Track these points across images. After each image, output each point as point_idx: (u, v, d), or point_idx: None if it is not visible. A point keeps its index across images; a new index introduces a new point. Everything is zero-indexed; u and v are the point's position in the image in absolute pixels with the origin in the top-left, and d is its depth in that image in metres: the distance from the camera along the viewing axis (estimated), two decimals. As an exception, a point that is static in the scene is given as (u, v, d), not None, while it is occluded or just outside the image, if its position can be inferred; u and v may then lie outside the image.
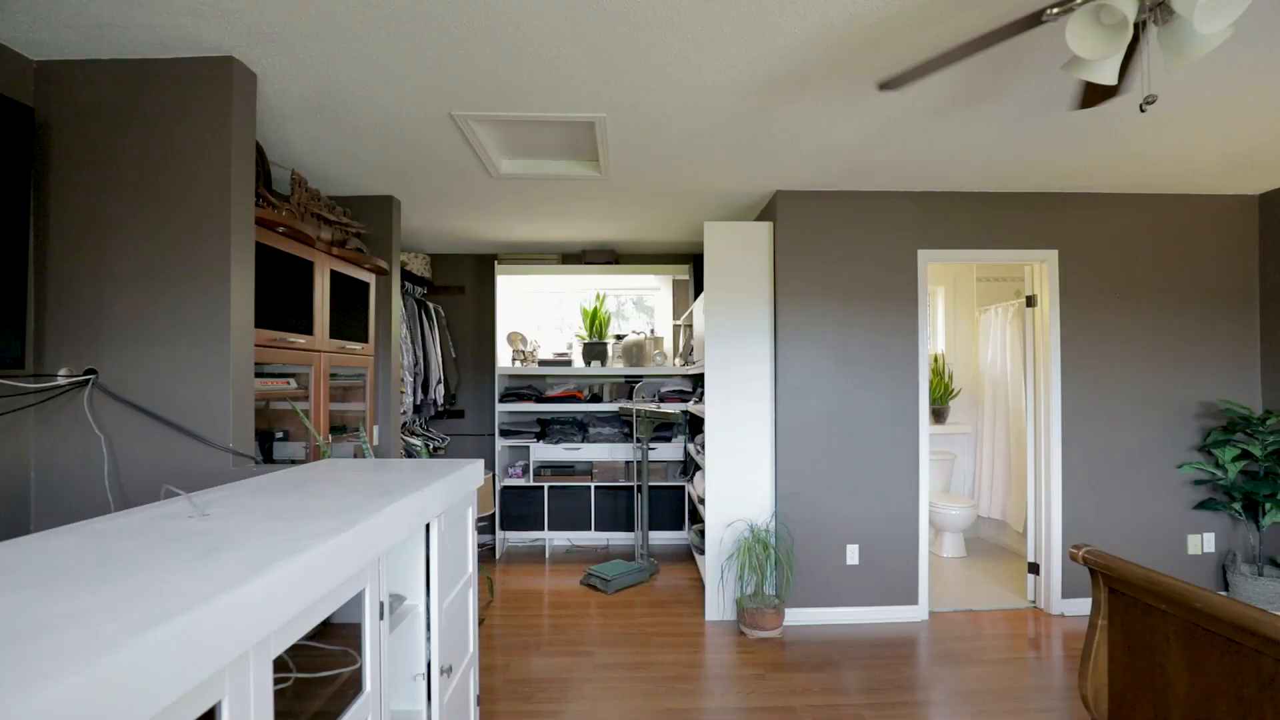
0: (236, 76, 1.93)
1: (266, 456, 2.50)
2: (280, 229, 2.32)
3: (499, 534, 4.50)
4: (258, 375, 2.34)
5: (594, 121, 2.42)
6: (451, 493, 1.67)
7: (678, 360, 4.81)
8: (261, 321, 2.25)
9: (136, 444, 1.88)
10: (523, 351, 4.62)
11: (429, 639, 1.56)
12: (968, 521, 4.32)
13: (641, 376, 4.79)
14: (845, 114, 2.40)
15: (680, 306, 4.92)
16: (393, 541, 1.27)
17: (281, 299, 2.42)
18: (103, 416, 1.87)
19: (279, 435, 2.58)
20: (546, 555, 4.53)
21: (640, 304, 5.13)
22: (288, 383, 2.51)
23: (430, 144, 2.68)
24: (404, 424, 4.28)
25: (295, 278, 2.52)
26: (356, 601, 1.17)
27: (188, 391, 1.89)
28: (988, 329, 4.78)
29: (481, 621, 3.30)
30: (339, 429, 3.05)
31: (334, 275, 2.80)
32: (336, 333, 2.83)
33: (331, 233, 2.77)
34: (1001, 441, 4.55)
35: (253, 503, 1.27)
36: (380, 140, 2.63)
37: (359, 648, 1.20)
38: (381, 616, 1.24)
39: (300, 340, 2.50)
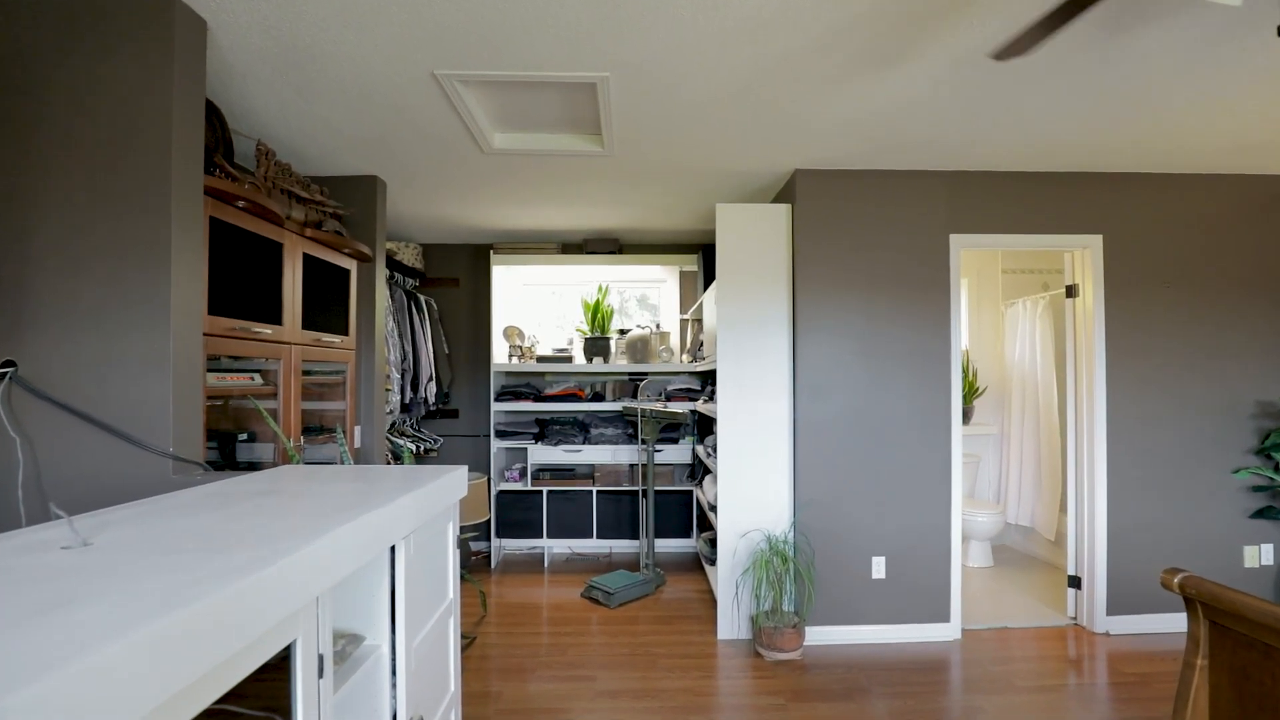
0: (180, 20, 1.66)
1: (228, 460, 2.23)
2: (240, 203, 2.05)
3: (495, 542, 4.23)
4: (214, 369, 2.07)
5: (595, 83, 2.14)
6: (425, 507, 1.40)
7: (685, 357, 4.53)
8: (218, 308, 1.99)
9: (60, 447, 1.60)
10: (520, 347, 4.34)
11: (394, 686, 1.29)
12: (996, 529, 4.03)
13: (646, 374, 4.51)
14: (878, 78, 2.12)
15: (688, 299, 4.64)
16: (341, 574, 1.00)
17: (245, 284, 2.15)
18: (21, 415, 1.60)
19: (243, 437, 2.31)
20: (545, 564, 4.25)
21: (644, 302, 4.85)
22: (251, 378, 2.24)
23: (414, 113, 2.41)
24: (393, 424, 4.01)
25: (261, 260, 2.25)
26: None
27: (121, 387, 1.61)
28: (1014, 323, 4.49)
29: (473, 640, 3.02)
30: (315, 430, 2.78)
31: (308, 260, 2.53)
32: (311, 323, 2.55)
33: (305, 212, 2.50)
34: (1030, 443, 4.26)
35: (162, 526, 1.00)
36: (358, 107, 2.36)
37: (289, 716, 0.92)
38: (321, 674, 0.96)
39: (266, 330, 2.23)
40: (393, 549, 1.29)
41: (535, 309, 4.78)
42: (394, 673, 1.29)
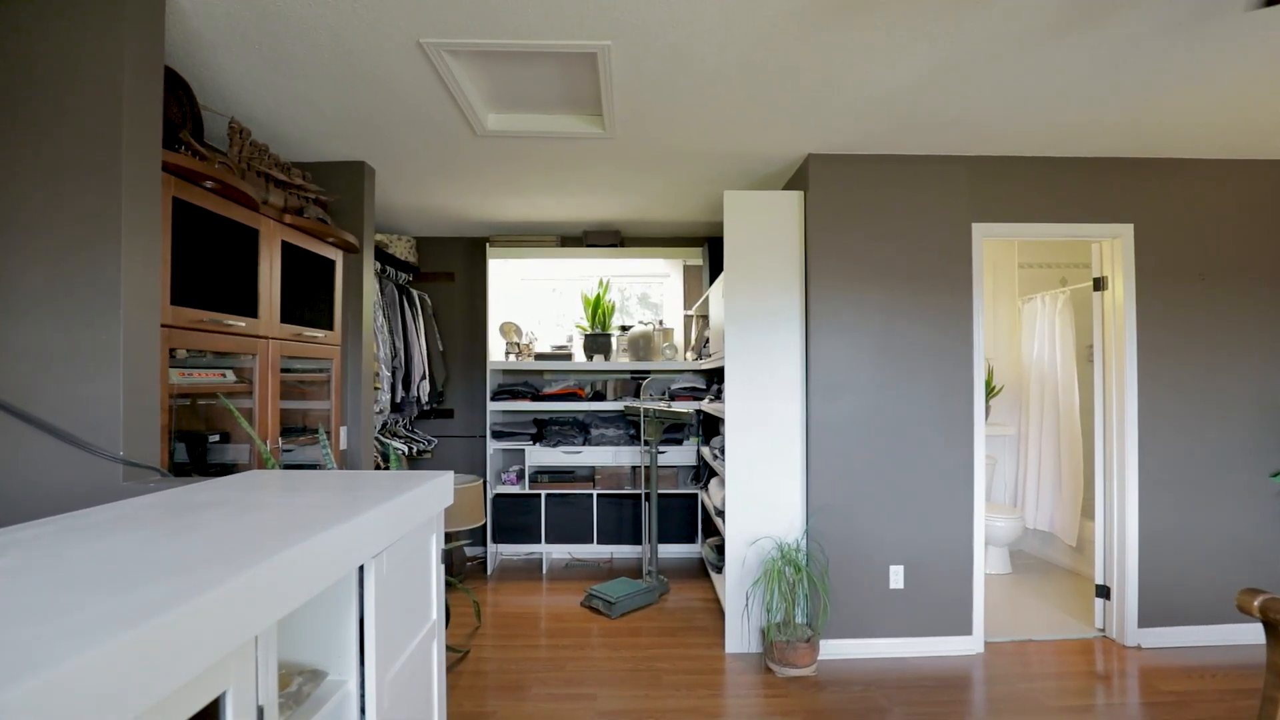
0: (132, -26, 1.49)
1: (198, 464, 2.06)
2: (208, 183, 1.88)
3: (491, 547, 4.05)
4: (180, 365, 1.90)
5: (595, 52, 1.97)
6: (403, 519, 1.23)
7: (690, 354, 4.35)
8: (184, 298, 1.82)
9: (-4, 451, 1.43)
10: (517, 344, 4.17)
11: (364, 729, 1.12)
12: (1015, 535, 3.86)
13: (649, 372, 4.34)
14: (902, 48, 1.94)
15: (692, 295, 4.46)
16: (290, 606, 0.83)
17: (215, 272, 1.98)
18: (-47, 415, 1.43)
19: (214, 438, 2.13)
20: (544, 570, 4.08)
21: (645, 300, 4.67)
22: (223, 374, 2.06)
23: (401, 90, 2.23)
24: (384, 424, 3.83)
25: (234, 247, 2.07)
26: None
27: (64, 382, 1.44)
28: (1032, 320, 4.32)
29: (465, 654, 2.85)
30: (297, 430, 2.61)
31: (288, 248, 2.36)
32: (291, 316, 2.38)
33: (284, 197, 2.33)
34: (1050, 445, 4.09)
35: (76, 548, 0.82)
36: (339, 83, 2.19)
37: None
38: (261, 730, 0.79)
39: (240, 323, 2.06)
40: (361, 569, 1.12)
41: (533, 305, 4.60)
42: (363, 712, 1.12)
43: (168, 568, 0.74)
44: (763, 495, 2.88)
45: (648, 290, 4.68)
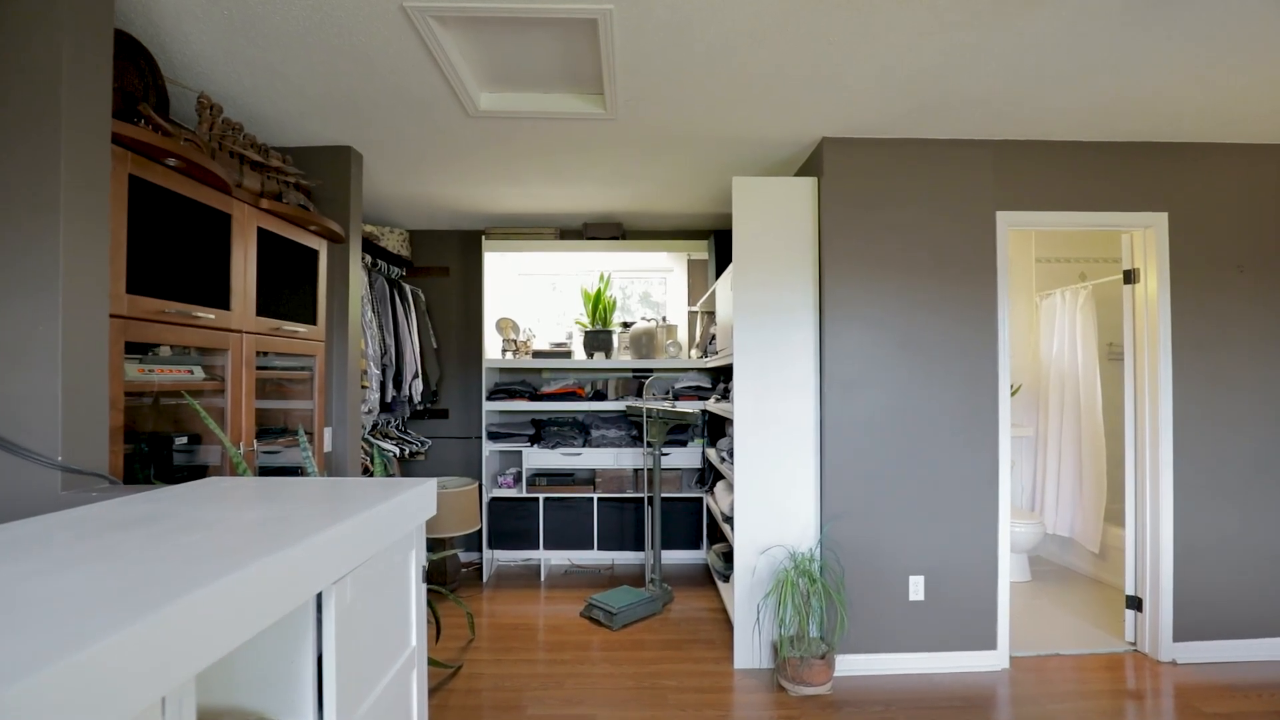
0: (74, -81, 1.32)
1: (162, 469, 1.89)
2: (171, 161, 1.71)
3: (487, 553, 3.88)
4: (141, 360, 1.73)
5: (596, 18, 1.80)
6: (373, 536, 1.06)
7: (694, 352, 4.18)
8: (144, 286, 1.65)
9: (-83, 456, 1.27)
10: (514, 341, 3.99)
11: (321, 787, 0.95)
12: (1036, 540, 3.69)
13: (652, 370, 4.17)
14: (926, 18, 1.77)
15: (697, 290, 4.29)
16: (213, 655, 0.66)
17: (181, 259, 1.81)
18: None
19: (181, 440, 1.96)
20: (542, 577, 3.91)
21: (646, 299, 4.49)
22: (190, 371, 1.89)
23: (386, 64, 2.06)
24: (375, 425, 3.66)
25: (204, 233, 1.91)
26: None
27: (-6, 379, 1.27)
28: (1051, 316, 4.15)
29: (458, 669, 2.68)
30: (277, 431, 2.44)
31: (265, 236, 2.19)
32: (269, 309, 2.21)
33: (261, 180, 2.16)
34: (1070, 447, 3.91)
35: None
36: (318, 57, 2.02)
37: None
38: (167, 818, 0.62)
39: (208, 315, 1.89)
40: (320, 597, 0.95)
41: (531, 301, 4.43)
42: (320, 768, 0.95)
43: (39, 614, 0.57)
44: (774, 501, 2.71)
45: (649, 289, 4.51)
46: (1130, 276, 2.88)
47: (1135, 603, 2.85)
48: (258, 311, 2.15)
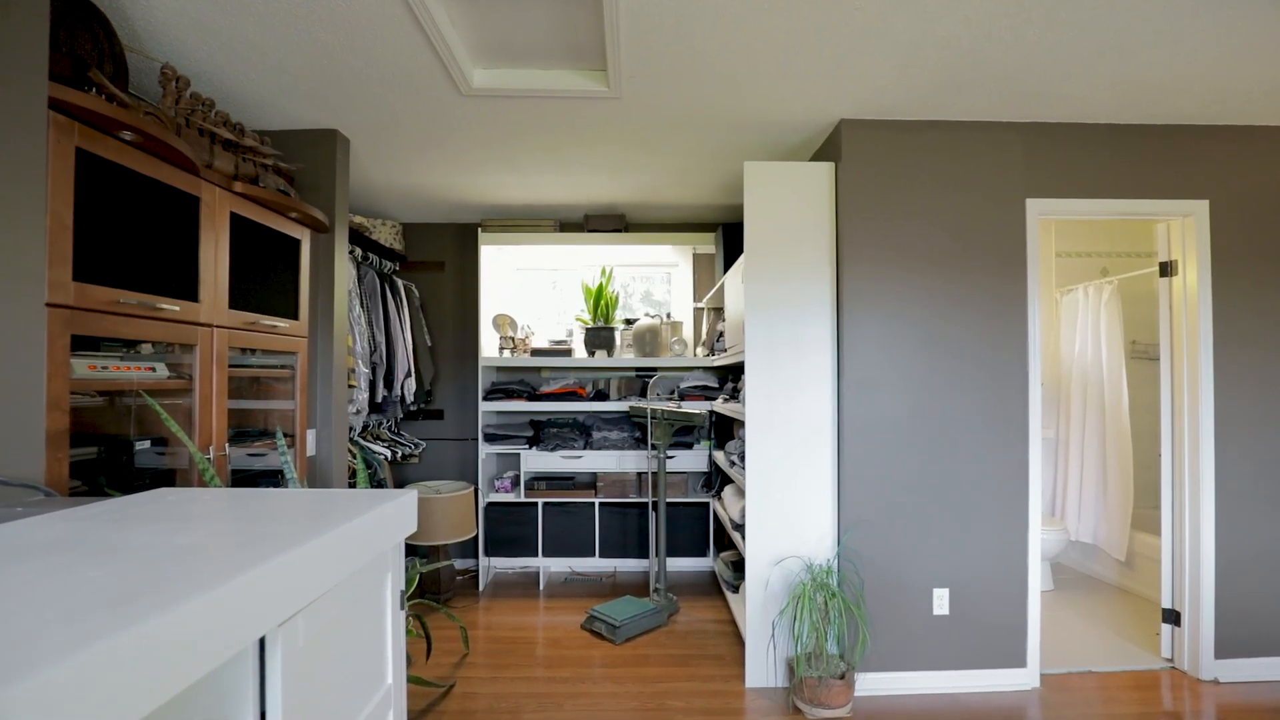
0: None
1: (120, 475, 1.71)
2: (126, 134, 1.54)
3: (483, 560, 3.71)
4: (93, 356, 1.56)
5: (600, -23, 1.63)
6: (335, 562, 0.89)
7: (700, 350, 4.01)
8: (95, 274, 1.48)
9: None
10: (512, 339, 3.82)
11: None
12: (1059, 548, 3.52)
13: (656, 369, 4.00)
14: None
15: (703, 285, 4.12)
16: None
17: (141, 245, 1.64)
18: None
19: (143, 444, 1.79)
20: (541, 585, 3.73)
21: (648, 298, 4.31)
22: (151, 369, 1.72)
23: (370, 36, 1.89)
24: (365, 427, 3.49)
25: (168, 217, 1.74)
26: None
27: (-96, 376, 1.10)
28: (1072, 313, 3.97)
29: (450, 688, 2.51)
30: (255, 434, 2.27)
31: (240, 222, 2.02)
32: (244, 302, 2.04)
33: (234, 162, 1.99)
34: (1093, 450, 3.74)
35: None
36: (295, 26, 1.84)
37: None
38: None
39: (173, 307, 1.72)
40: (262, 643, 0.78)
41: (530, 297, 4.26)
42: None
43: None
44: (788, 508, 2.54)
45: (651, 288, 4.32)
46: (1167, 269, 2.70)
47: (1173, 616, 2.68)
48: (231, 304, 1.99)
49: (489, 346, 3.83)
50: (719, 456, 3.56)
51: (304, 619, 0.82)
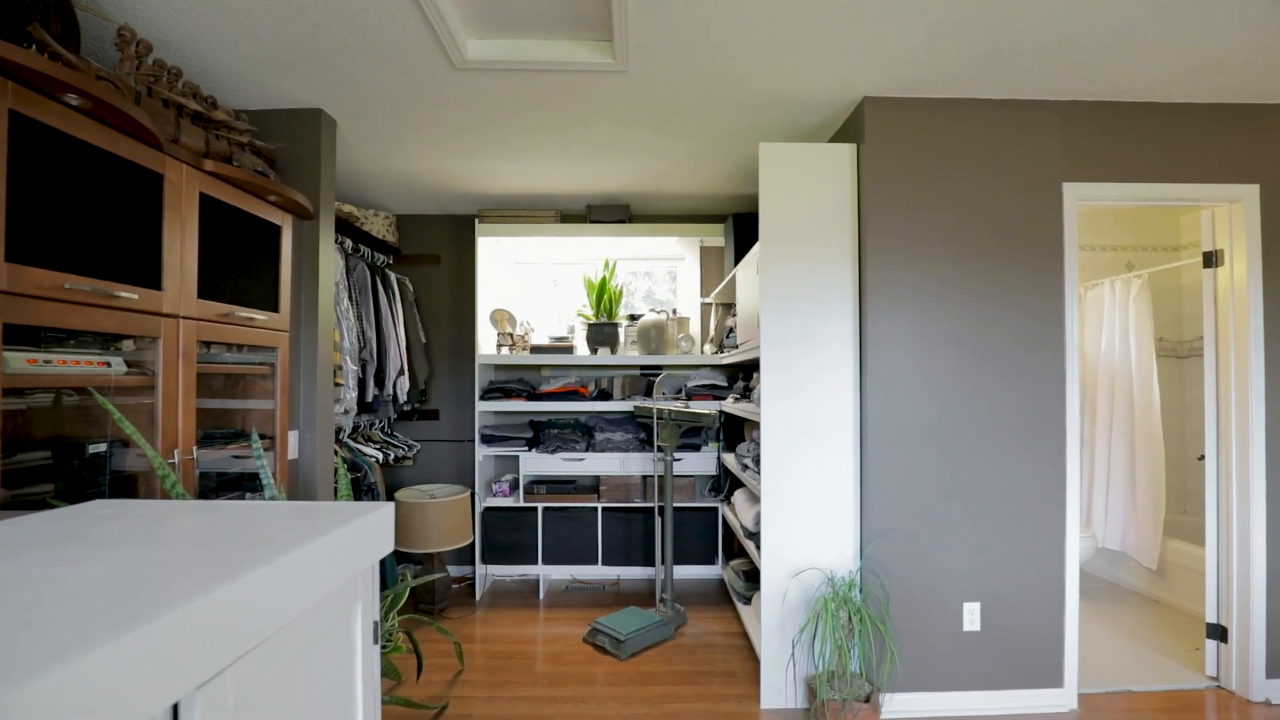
0: None
1: (73, 484, 1.54)
2: (71, 98, 1.36)
3: (480, 568, 3.53)
4: (34, 349, 1.38)
5: (607, -77, 1.45)
6: (279, 602, 0.71)
7: (709, 347, 3.83)
8: (33, 256, 1.31)
9: None
10: (511, 335, 3.64)
11: None
12: (1087, 555, 3.34)
13: (662, 368, 3.82)
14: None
15: (711, 280, 3.94)
16: None
17: (92, 225, 1.47)
18: None
19: (98, 447, 1.61)
20: (541, 595, 3.55)
21: (650, 297, 4.12)
22: (105, 364, 1.54)
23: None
24: (355, 428, 3.32)
25: (125, 195, 1.56)
26: None
27: None
28: (1098, 309, 3.79)
29: (443, 709, 2.33)
30: (229, 435, 2.09)
31: (211, 204, 1.85)
32: (215, 292, 1.87)
33: (205, 137, 1.81)
34: (1121, 453, 3.56)
35: None
36: (268, -18, 1.67)
37: None
38: None
39: (130, 295, 1.54)
40: (176, 710, 0.60)
41: (529, 293, 4.08)
42: None
43: None
44: (807, 515, 2.36)
45: (654, 287, 4.13)
46: (1211, 259, 2.53)
47: (1219, 632, 2.50)
48: (201, 294, 1.81)
49: (486, 344, 3.66)
50: (729, 459, 3.38)
51: (235, 675, 0.64)
